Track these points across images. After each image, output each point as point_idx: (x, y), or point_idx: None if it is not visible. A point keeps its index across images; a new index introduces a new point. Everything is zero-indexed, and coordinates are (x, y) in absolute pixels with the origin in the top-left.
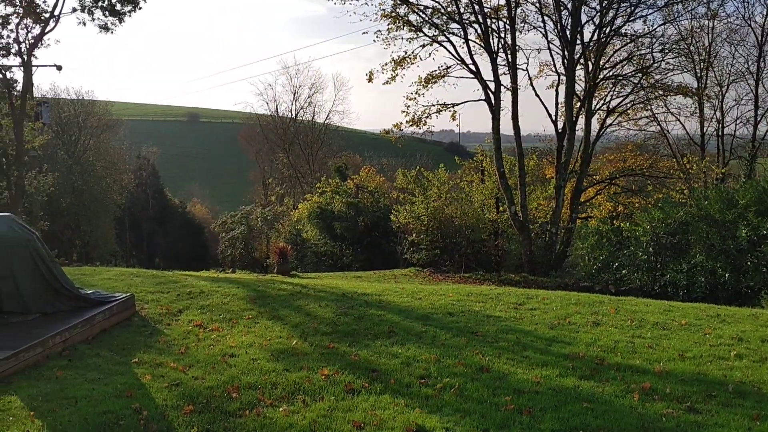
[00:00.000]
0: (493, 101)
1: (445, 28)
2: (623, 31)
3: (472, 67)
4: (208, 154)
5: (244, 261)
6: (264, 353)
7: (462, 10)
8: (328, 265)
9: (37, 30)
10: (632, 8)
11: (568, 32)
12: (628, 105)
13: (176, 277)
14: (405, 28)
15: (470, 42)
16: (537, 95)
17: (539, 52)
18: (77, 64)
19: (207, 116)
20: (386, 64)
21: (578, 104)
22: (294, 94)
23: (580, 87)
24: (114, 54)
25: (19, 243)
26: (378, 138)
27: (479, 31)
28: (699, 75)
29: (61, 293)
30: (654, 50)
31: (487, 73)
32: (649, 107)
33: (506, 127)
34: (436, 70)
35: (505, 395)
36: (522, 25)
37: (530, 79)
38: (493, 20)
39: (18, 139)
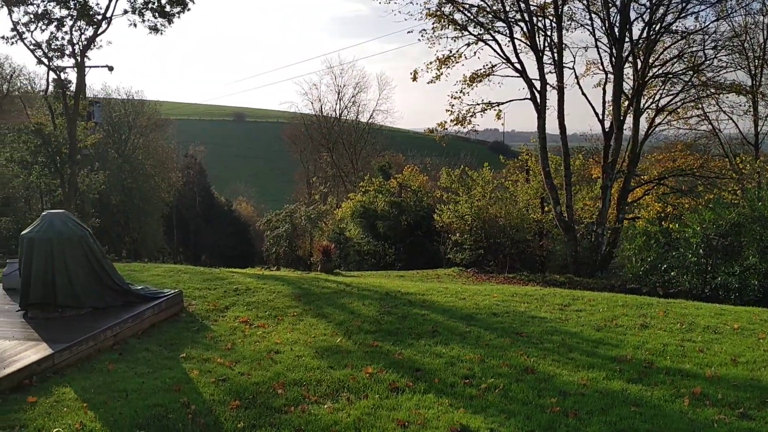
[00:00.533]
0: (538, 100)
1: (490, 26)
2: (674, 28)
3: (518, 66)
4: (254, 153)
5: (288, 259)
6: (309, 350)
7: (507, 8)
8: (370, 264)
9: (89, 32)
10: (683, 4)
11: (616, 30)
12: (678, 103)
13: (223, 274)
14: (450, 26)
15: (516, 41)
16: (584, 94)
17: (586, 50)
18: (128, 64)
19: (253, 116)
20: (431, 63)
21: (626, 103)
22: (338, 94)
23: (628, 85)
24: (163, 55)
25: (72, 239)
26: (421, 137)
27: (525, 29)
28: (753, 73)
29: (112, 289)
30: (706, 47)
31: (532, 72)
32: (700, 106)
33: (551, 126)
34: (481, 69)
35: (551, 397)
36: (569, 23)
37: (577, 77)
38: (540, 18)
39: (71, 138)
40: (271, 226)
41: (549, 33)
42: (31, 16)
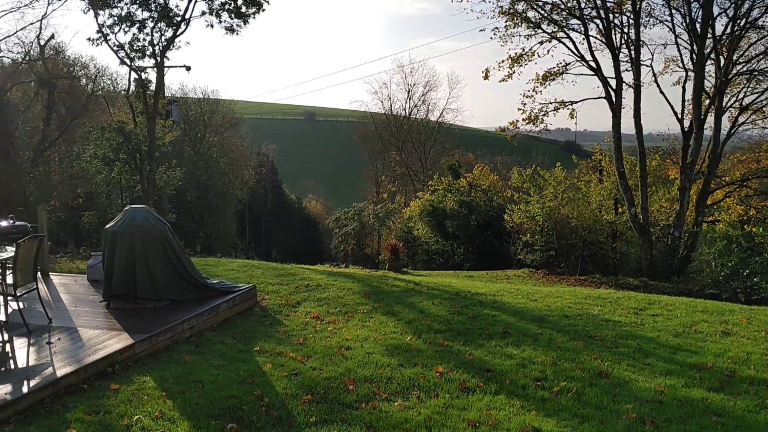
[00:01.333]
0: (613, 99)
1: (564, 24)
2: (760, 23)
3: (593, 64)
4: (324, 152)
5: (356, 256)
6: (379, 348)
7: (582, 5)
8: (438, 264)
9: (169, 33)
10: None
11: (698, 26)
12: (764, 102)
13: (294, 270)
14: (523, 24)
15: (591, 38)
16: (662, 92)
17: (665, 47)
18: (204, 64)
19: (323, 115)
20: (503, 61)
21: (707, 101)
22: (408, 93)
23: (709, 83)
24: (238, 55)
25: (153, 234)
26: (491, 136)
27: (600, 26)
28: None
29: (189, 282)
30: None
31: (607, 70)
32: None
33: (627, 126)
34: (554, 67)
35: (626, 403)
36: (647, 19)
37: (654, 75)
38: (616, 15)
39: (150, 135)
40: (339, 223)
41: (626, 30)
42: (115, 18)
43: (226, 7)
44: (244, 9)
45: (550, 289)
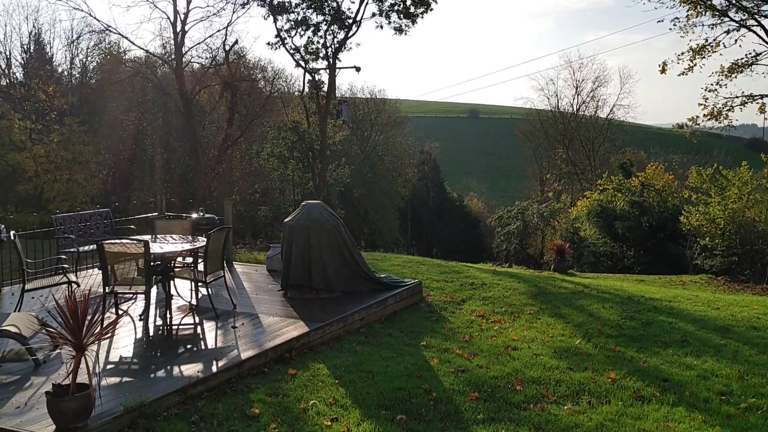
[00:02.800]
0: None
1: (756, 11)
2: None
3: None
4: (486, 150)
5: (518, 256)
6: (546, 349)
7: None
8: (606, 266)
9: (341, 35)
10: None
11: None
12: None
13: (458, 268)
14: (707, 13)
15: None
16: None
17: None
18: (372, 64)
19: (486, 112)
20: (682, 53)
21: None
22: (576, 89)
23: None
24: (405, 54)
25: (327, 228)
26: (666, 133)
27: None
28: None
29: (359, 275)
30: None
31: None
32: None
33: None
34: (742, 58)
35: None
36: None
37: None
38: None
39: (322, 134)
40: (502, 222)
41: None
42: (292, 23)
43: (395, 7)
44: (412, 9)
45: (734, 298)
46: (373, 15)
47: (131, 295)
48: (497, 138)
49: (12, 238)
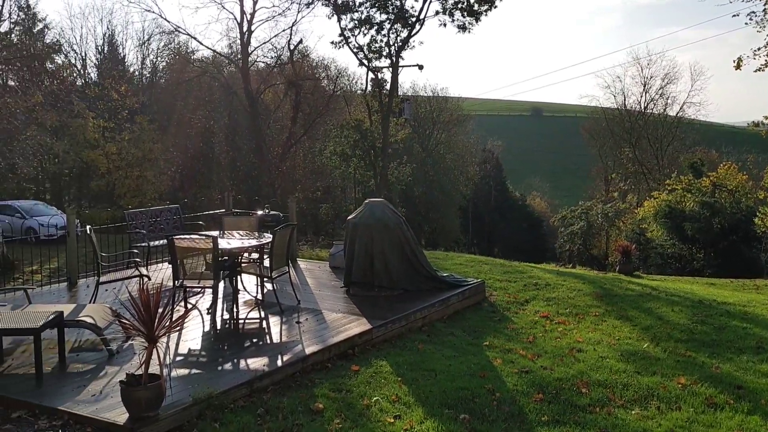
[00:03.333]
0: None
1: None
2: None
3: None
4: (550, 148)
5: (581, 257)
6: (612, 352)
7: None
8: (674, 269)
9: (404, 34)
10: None
11: None
12: None
13: (521, 268)
14: None
15: None
16: None
17: None
18: (434, 62)
19: (549, 110)
20: (759, 49)
21: None
22: (644, 86)
23: None
24: (467, 52)
25: (390, 226)
26: (739, 131)
27: None
28: None
29: (421, 273)
30: None
31: None
32: None
33: None
34: None
35: None
36: None
37: None
38: None
39: (384, 133)
40: (565, 222)
41: None
42: (356, 21)
43: (459, 5)
44: (476, 6)
45: None
46: (437, 13)
47: (199, 289)
48: (561, 137)
49: (88, 232)
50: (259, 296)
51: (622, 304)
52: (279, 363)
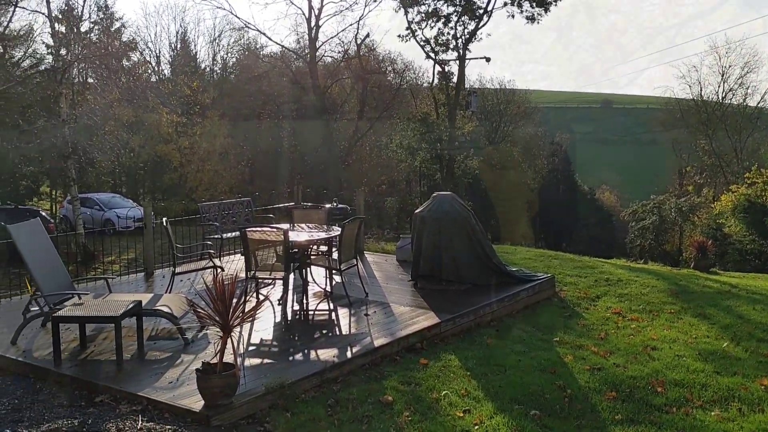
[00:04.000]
0: None
1: None
2: None
3: None
4: (620, 141)
5: (653, 252)
6: (689, 351)
7: None
8: (754, 266)
9: (471, 26)
10: None
11: None
12: None
13: (592, 263)
14: None
15: None
16: None
17: None
18: (501, 54)
19: (620, 102)
20: None
21: None
22: (722, 75)
23: None
24: (536, 44)
25: (458, 220)
26: None
27: None
28: None
29: (489, 268)
30: None
31: None
32: None
33: None
34: None
35: None
36: None
37: None
38: None
39: (451, 126)
40: (636, 217)
41: None
42: (423, 14)
43: None
44: None
45: None
46: (505, 4)
47: (270, 281)
48: (632, 128)
49: (164, 224)
50: (328, 288)
51: (699, 301)
52: (348, 354)
